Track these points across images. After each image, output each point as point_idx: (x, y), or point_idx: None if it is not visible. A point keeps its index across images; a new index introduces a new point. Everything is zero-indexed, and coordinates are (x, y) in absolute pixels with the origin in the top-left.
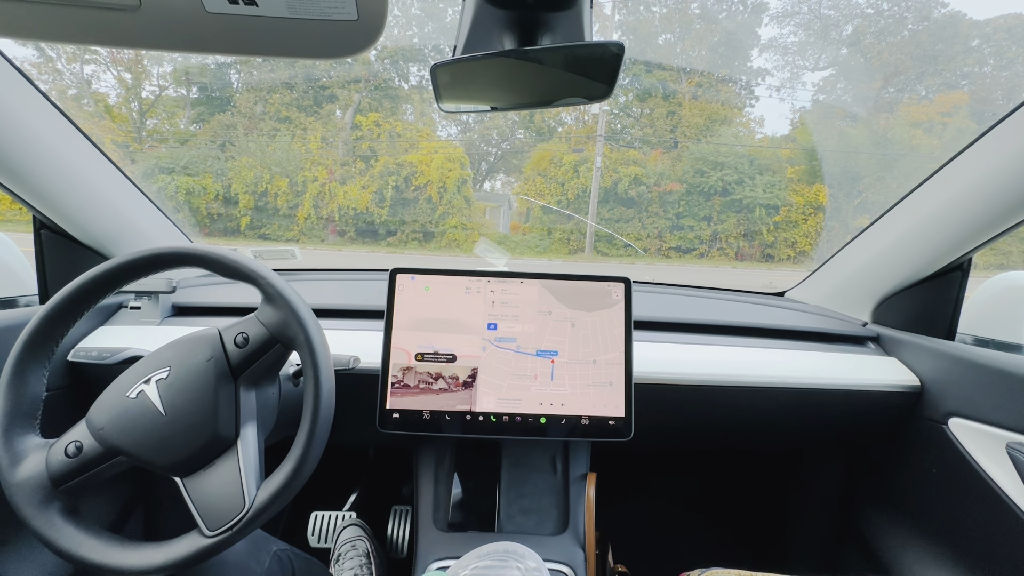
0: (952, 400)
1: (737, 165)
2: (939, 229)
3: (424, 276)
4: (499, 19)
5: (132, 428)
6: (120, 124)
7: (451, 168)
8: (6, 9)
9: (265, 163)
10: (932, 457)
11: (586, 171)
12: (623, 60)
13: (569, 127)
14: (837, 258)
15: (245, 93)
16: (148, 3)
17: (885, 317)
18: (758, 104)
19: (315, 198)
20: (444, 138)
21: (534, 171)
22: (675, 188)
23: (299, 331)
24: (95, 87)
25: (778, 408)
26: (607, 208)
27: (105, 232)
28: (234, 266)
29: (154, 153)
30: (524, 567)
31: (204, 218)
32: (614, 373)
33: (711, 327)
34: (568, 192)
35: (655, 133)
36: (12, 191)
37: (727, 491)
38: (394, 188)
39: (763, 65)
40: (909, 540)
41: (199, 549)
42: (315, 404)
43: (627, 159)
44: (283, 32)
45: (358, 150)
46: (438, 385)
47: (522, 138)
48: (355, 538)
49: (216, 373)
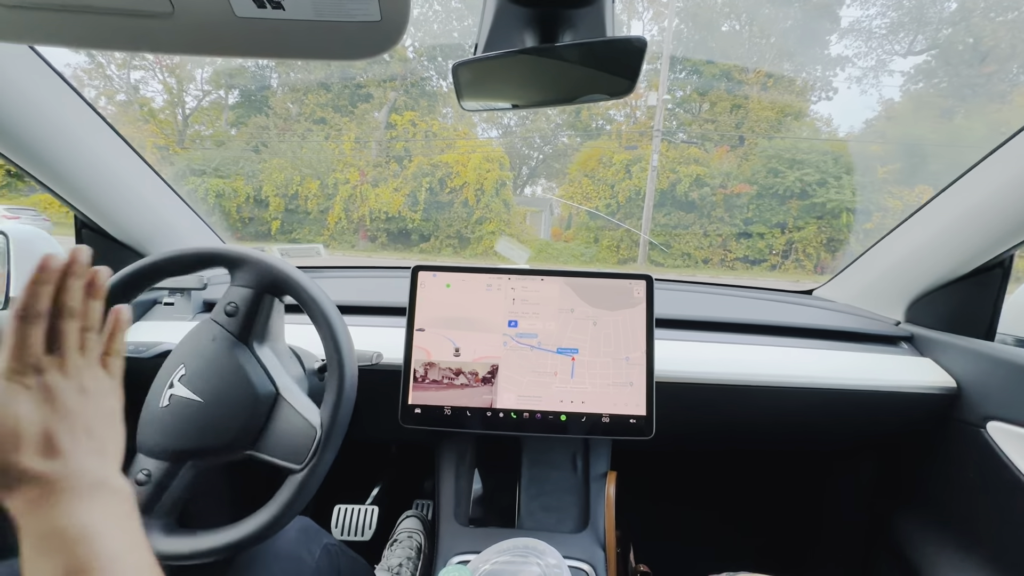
0: (991, 403)
1: (819, 163)
2: (980, 224)
3: (446, 273)
4: (520, 16)
5: (182, 428)
6: (163, 128)
7: (489, 169)
8: (46, 19)
9: (296, 164)
10: (969, 462)
11: (639, 171)
12: (646, 54)
13: (618, 124)
14: (869, 255)
15: (281, 95)
16: (180, 10)
17: (919, 316)
18: (836, 96)
19: (346, 201)
20: (483, 139)
21: (580, 172)
22: (744, 190)
23: (277, 274)
24: (142, 92)
25: (806, 409)
26: (663, 212)
27: (141, 231)
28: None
29: (187, 155)
30: (544, 563)
31: (236, 222)
32: (635, 372)
33: (736, 325)
34: (619, 195)
35: (717, 129)
36: (56, 192)
37: (752, 494)
38: (428, 190)
39: (843, 52)
40: (944, 549)
41: (298, 484)
42: (326, 316)
43: (687, 157)
44: (308, 34)
45: (392, 150)
46: (459, 381)
47: (566, 141)
48: (414, 530)
49: (226, 346)
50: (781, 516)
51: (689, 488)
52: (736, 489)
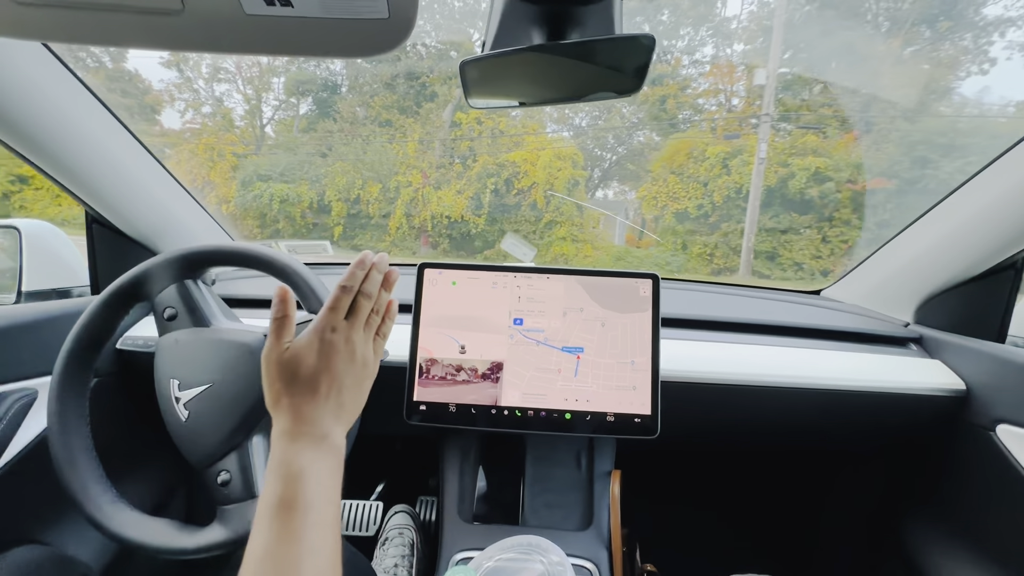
0: (1001, 406)
1: (986, 148)
2: (992, 225)
3: (451, 271)
4: (528, 14)
5: (216, 416)
6: (243, 137)
7: (561, 167)
8: (57, 16)
9: (358, 168)
10: (977, 464)
11: (740, 166)
12: (654, 52)
13: (710, 113)
14: (878, 255)
15: (350, 99)
16: (190, 7)
17: (929, 318)
18: (992, 68)
19: (407, 205)
20: (552, 136)
21: (666, 169)
22: (880, 185)
23: (189, 256)
24: (225, 103)
25: (812, 410)
26: (769, 214)
27: (151, 227)
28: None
29: (254, 160)
30: (548, 561)
31: (300, 228)
32: (639, 377)
33: (743, 325)
34: (713, 194)
35: (835, 113)
36: (68, 188)
37: (759, 495)
38: (493, 191)
39: (1004, 14)
40: (951, 552)
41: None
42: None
43: (802, 147)
44: (317, 31)
45: (456, 150)
46: (464, 378)
47: (642, 140)
48: (404, 526)
49: (194, 336)
50: (788, 517)
51: (696, 489)
52: (743, 490)
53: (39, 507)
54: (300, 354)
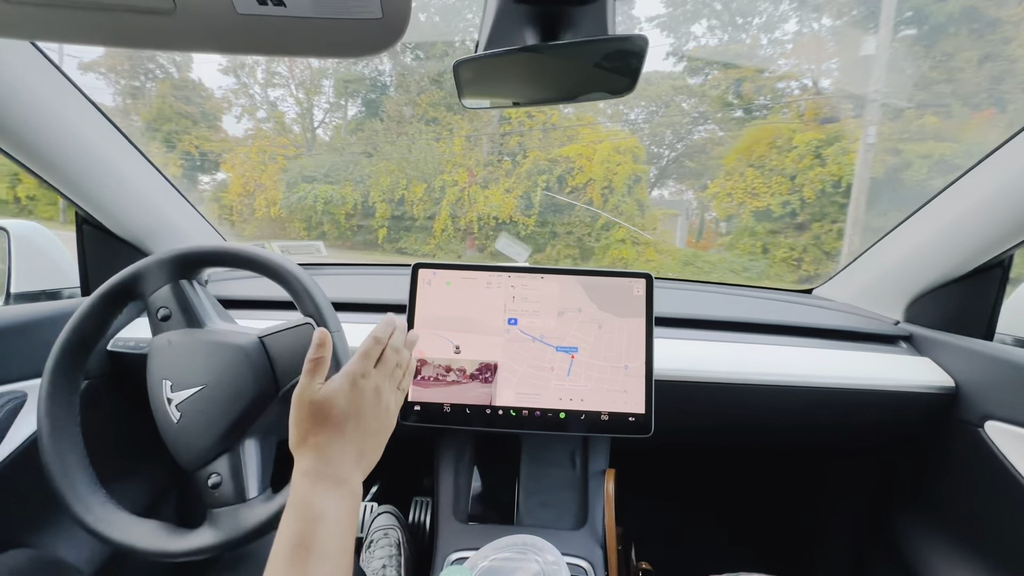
0: (989, 402)
1: None
2: (980, 224)
3: (446, 271)
4: (521, 14)
5: (208, 418)
6: (295, 140)
7: (620, 162)
8: (48, 15)
9: (402, 167)
10: (966, 461)
11: (838, 154)
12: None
13: (794, 97)
14: (869, 254)
15: (396, 98)
16: (182, 6)
17: (918, 316)
18: None
19: (452, 205)
20: (606, 130)
21: (742, 162)
22: None
23: (185, 255)
24: (279, 107)
25: (804, 408)
26: (875, 211)
27: (141, 228)
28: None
29: (299, 161)
30: (543, 560)
31: (345, 230)
32: (632, 382)
33: (735, 324)
34: (803, 188)
35: (956, 91)
36: (58, 188)
37: (752, 493)
38: (544, 190)
39: None
40: (941, 548)
41: None
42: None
43: (917, 131)
44: (310, 31)
45: (505, 147)
46: (459, 378)
47: (704, 134)
48: (388, 526)
49: (187, 338)
50: (780, 515)
51: (690, 487)
52: (736, 488)
53: (30, 511)
54: (332, 397)
